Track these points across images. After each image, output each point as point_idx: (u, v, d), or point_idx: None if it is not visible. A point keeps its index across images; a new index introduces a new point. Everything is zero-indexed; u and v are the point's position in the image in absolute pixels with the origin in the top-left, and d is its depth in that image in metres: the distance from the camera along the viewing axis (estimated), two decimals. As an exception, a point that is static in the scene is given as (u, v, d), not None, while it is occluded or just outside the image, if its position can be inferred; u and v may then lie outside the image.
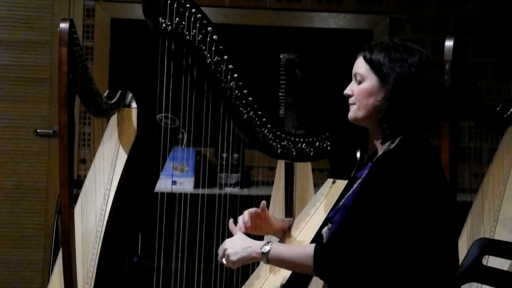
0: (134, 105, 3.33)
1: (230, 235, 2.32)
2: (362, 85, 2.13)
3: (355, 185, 2.22)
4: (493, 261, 2.62)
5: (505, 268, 2.69)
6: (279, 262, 2.14)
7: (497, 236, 3.04)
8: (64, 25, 2.62)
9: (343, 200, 2.25)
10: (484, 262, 2.51)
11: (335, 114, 2.23)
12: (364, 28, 4.52)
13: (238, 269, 2.41)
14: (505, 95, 4.41)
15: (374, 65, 2.11)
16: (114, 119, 3.32)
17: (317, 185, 3.36)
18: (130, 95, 3.36)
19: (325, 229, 2.25)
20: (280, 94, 2.97)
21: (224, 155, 4.23)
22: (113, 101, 3.17)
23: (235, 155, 4.31)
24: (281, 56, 2.96)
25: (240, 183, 4.28)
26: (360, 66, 2.15)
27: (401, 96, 2.07)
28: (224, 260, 2.21)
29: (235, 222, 2.35)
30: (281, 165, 3.23)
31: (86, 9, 4.42)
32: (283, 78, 2.95)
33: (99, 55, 4.43)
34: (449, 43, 2.65)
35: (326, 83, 4.41)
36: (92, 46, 4.43)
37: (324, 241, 2.21)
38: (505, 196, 3.18)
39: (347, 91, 2.18)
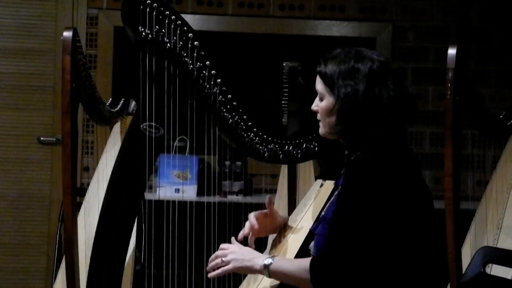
0: (137, 113, 3.33)
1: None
2: (322, 103, 2.13)
3: (334, 195, 2.23)
4: (497, 270, 2.61)
5: (509, 276, 2.68)
6: (279, 275, 2.15)
7: (501, 244, 3.03)
8: (67, 34, 2.62)
9: (323, 212, 2.26)
10: (488, 270, 2.51)
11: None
12: (367, 36, 4.52)
13: (242, 274, 2.41)
14: (508, 103, 4.40)
15: (326, 83, 2.10)
16: (117, 127, 3.32)
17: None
18: (133, 103, 3.36)
19: (311, 244, 2.26)
20: (283, 102, 2.97)
21: (227, 163, 4.26)
22: (116, 109, 3.17)
23: (238, 163, 4.31)
24: (284, 64, 2.97)
25: (243, 191, 4.28)
26: (318, 82, 2.14)
27: (347, 115, 2.06)
28: (222, 259, 2.20)
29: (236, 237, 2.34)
30: (283, 172, 3.23)
31: (89, 18, 4.43)
32: (286, 86, 2.96)
33: (103, 63, 4.44)
34: (452, 51, 2.65)
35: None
36: (95, 54, 4.44)
37: (311, 254, 2.22)
38: (509, 204, 3.18)
39: (313, 107, 2.18)
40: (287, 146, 2.53)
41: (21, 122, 4.40)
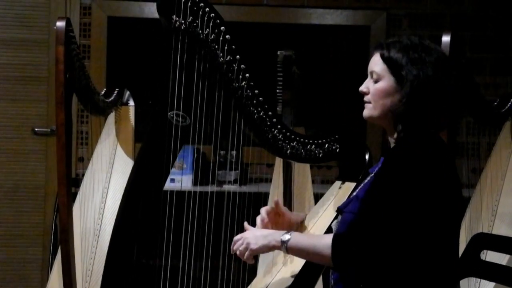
0: (131, 103, 3.33)
1: (230, 231, 2.32)
2: (378, 84, 2.13)
3: (367, 179, 2.23)
4: (492, 256, 2.63)
5: (504, 262, 2.70)
6: (297, 251, 2.14)
7: (496, 231, 3.05)
8: (60, 24, 2.62)
9: (356, 192, 2.26)
10: (483, 256, 2.52)
11: (332, 109, 2.22)
12: (361, 24, 4.51)
13: (244, 267, 2.41)
14: (502, 90, 4.42)
15: (391, 65, 2.11)
16: (111, 117, 3.32)
17: (315, 182, 3.37)
18: (127, 93, 3.36)
19: (334, 222, 2.26)
20: (277, 91, 2.97)
21: (222, 152, 4.26)
22: (110, 99, 3.17)
23: (233, 152, 4.31)
24: (278, 53, 2.97)
25: (238, 180, 4.28)
26: (377, 64, 2.14)
27: (417, 100, 2.08)
28: (239, 250, 2.18)
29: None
30: (279, 162, 3.23)
31: (82, 8, 4.41)
32: (280, 75, 2.96)
33: (96, 53, 4.43)
34: (446, 39, 2.65)
35: (323, 80, 4.41)
36: (89, 45, 4.43)
37: (333, 232, 2.22)
38: (503, 190, 3.19)
39: (362, 88, 2.18)
40: (309, 146, 2.53)
41: (15, 113, 4.39)
